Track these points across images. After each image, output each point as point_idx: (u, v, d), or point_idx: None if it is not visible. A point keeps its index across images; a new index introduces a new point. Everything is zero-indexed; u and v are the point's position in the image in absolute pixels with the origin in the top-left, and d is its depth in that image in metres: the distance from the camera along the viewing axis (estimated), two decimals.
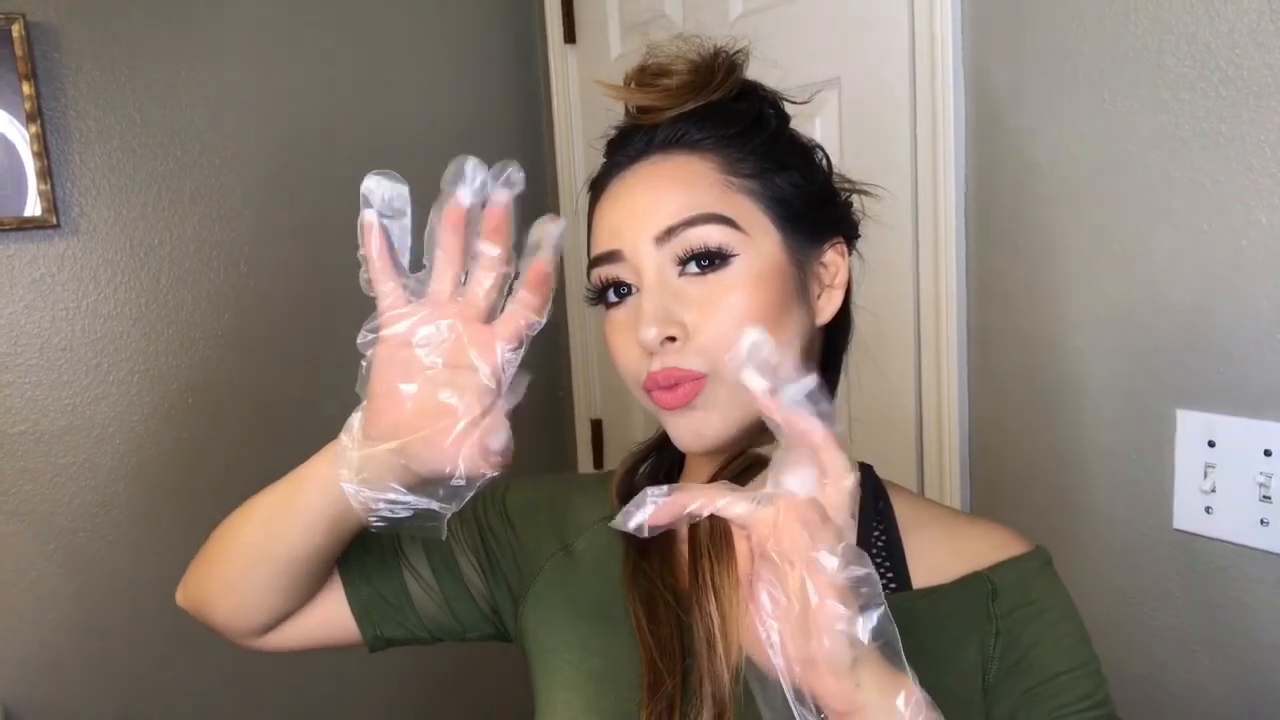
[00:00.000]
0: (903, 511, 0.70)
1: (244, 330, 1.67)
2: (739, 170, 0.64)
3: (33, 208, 1.47)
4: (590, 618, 0.69)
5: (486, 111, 1.90)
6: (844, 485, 0.48)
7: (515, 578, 0.74)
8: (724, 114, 0.65)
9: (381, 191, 0.55)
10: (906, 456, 1.23)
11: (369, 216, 0.55)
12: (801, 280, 0.65)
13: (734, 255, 0.61)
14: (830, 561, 0.46)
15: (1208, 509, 0.93)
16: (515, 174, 0.55)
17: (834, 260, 0.67)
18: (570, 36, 1.82)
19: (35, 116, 1.45)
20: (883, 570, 0.66)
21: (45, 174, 1.47)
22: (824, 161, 0.71)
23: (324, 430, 0.70)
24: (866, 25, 1.22)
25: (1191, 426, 0.94)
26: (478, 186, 0.56)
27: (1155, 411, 0.97)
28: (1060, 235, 1.03)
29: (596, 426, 1.92)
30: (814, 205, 0.66)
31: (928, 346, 1.18)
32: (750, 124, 0.66)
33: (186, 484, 1.64)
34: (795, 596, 0.46)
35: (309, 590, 0.73)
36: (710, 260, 0.61)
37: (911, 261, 1.19)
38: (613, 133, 0.70)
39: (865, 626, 0.46)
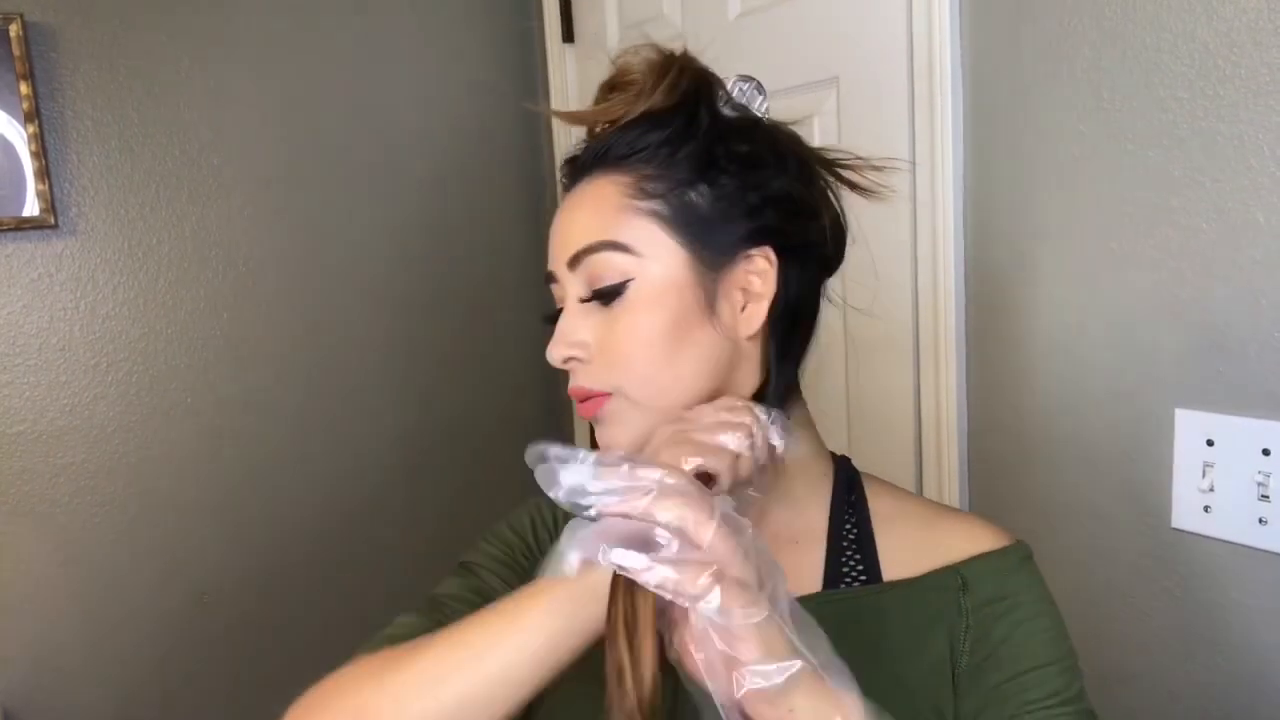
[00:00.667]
0: (878, 504, 0.71)
1: (242, 330, 1.67)
2: (644, 191, 0.64)
3: (30, 208, 1.47)
4: None
5: (485, 111, 1.90)
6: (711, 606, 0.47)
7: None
8: (651, 125, 0.65)
9: None
10: (905, 456, 1.23)
11: None
12: (710, 295, 0.64)
13: (628, 281, 0.63)
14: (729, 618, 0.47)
15: (1206, 508, 0.93)
16: None
17: (762, 269, 0.65)
18: (569, 36, 1.82)
19: (33, 116, 1.45)
20: (853, 563, 0.68)
21: (43, 174, 1.47)
22: (801, 155, 0.69)
23: (322, 430, 0.70)
24: (864, 25, 1.22)
25: (1190, 425, 0.94)
26: None
27: (1154, 411, 0.97)
28: (1058, 234, 1.03)
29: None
30: (739, 214, 0.65)
31: (926, 345, 1.18)
32: (677, 132, 0.65)
33: (185, 484, 1.64)
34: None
35: None
36: (605, 296, 0.64)
37: (910, 261, 1.19)
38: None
39: (781, 672, 0.47)
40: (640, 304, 0.63)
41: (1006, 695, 0.62)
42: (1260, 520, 0.89)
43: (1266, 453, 0.88)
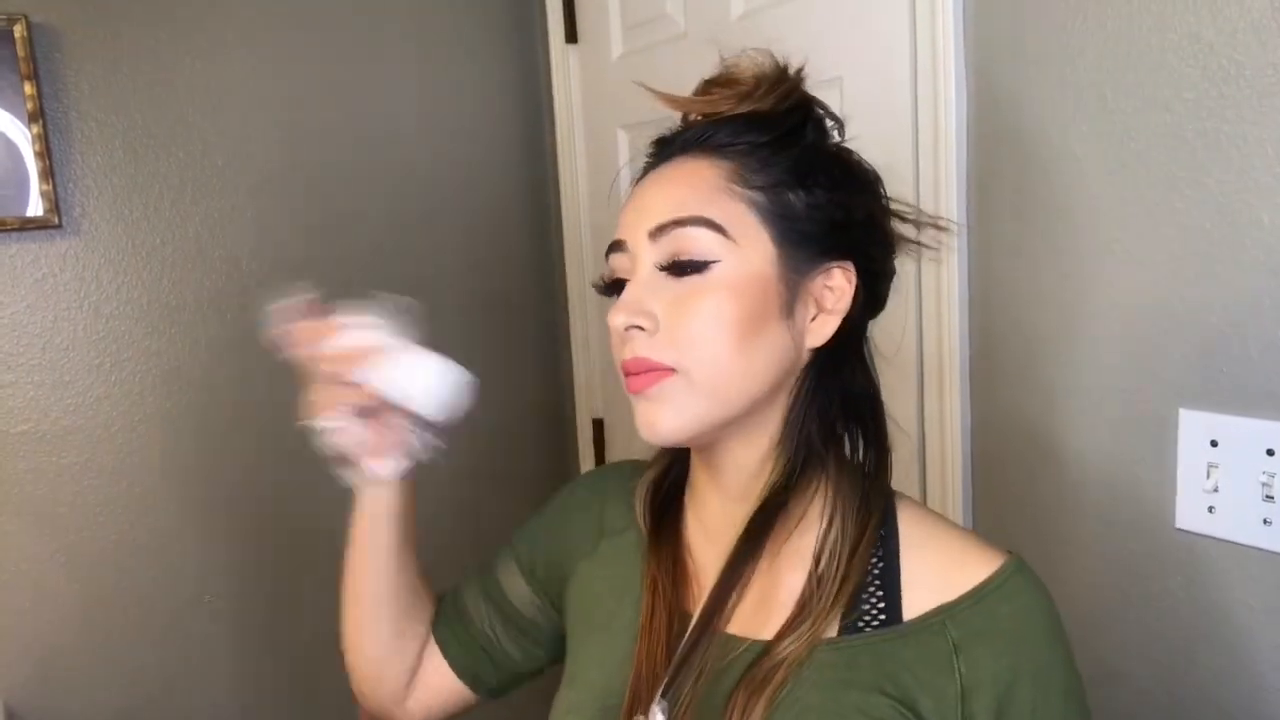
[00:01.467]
0: (908, 532, 0.68)
1: (246, 331, 1.67)
2: (749, 180, 0.65)
3: (35, 208, 1.48)
4: (598, 628, 0.76)
5: (488, 111, 1.90)
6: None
7: (557, 587, 0.84)
8: (759, 123, 0.66)
9: None
10: (908, 456, 1.23)
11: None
12: (790, 296, 0.65)
13: (713, 262, 0.63)
14: None
15: (1210, 509, 0.93)
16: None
17: (839, 285, 0.67)
18: (572, 36, 1.82)
19: (37, 117, 1.46)
20: (873, 601, 0.65)
21: (47, 174, 1.47)
22: (879, 192, 0.71)
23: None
24: (868, 26, 1.22)
25: (1194, 426, 0.93)
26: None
27: (1158, 411, 0.97)
28: (1062, 235, 1.03)
29: (598, 426, 1.92)
30: (828, 227, 0.66)
31: (929, 346, 1.18)
32: (783, 135, 0.66)
33: (189, 484, 1.65)
34: None
35: (415, 623, 0.86)
36: (685, 269, 0.63)
37: (913, 263, 1.18)
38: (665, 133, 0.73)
39: None
40: (722, 287, 0.63)
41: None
42: (1264, 521, 0.89)
43: (1271, 453, 0.88)
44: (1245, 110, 0.86)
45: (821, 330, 0.67)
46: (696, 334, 0.62)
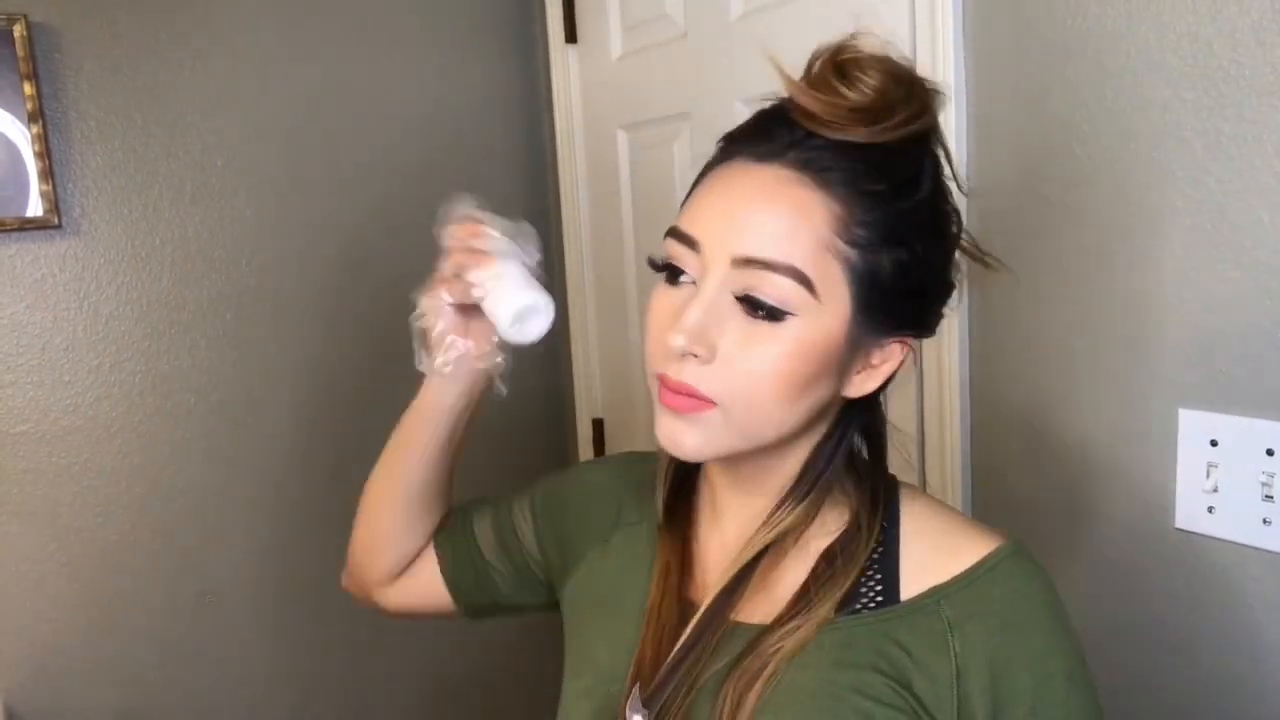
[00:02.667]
0: (909, 518, 0.69)
1: (246, 330, 1.67)
2: (851, 234, 0.59)
3: (34, 208, 1.48)
4: (607, 614, 0.77)
5: (488, 111, 1.90)
6: None
7: (559, 561, 0.85)
8: (877, 163, 0.60)
9: None
10: (907, 455, 1.23)
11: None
12: (847, 360, 0.63)
13: (792, 315, 0.59)
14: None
15: (1210, 509, 0.93)
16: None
17: (892, 350, 0.65)
18: (571, 36, 1.82)
19: (37, 117, 1.45)
20: (872, 584, 0.65)
21: (47, 174, 1.47)
22: (956, 232, 0.66)
23: (325, 430, 0.71)
24: (868, 26, 1.22)
25: (1194, 426, 0.93)
26: None
27: (1157, 411, 0.97)
28: (1061, 235, 1.03)
29: (598, 426, 1.91)
30: (906, 294, 0.63)
31: (928, 346, 1.18)
32: (896, 185, 0.61)
33: (189, 485, 1.65)
34: None
35: (426, 521, 0.90)
36: (756, 312, 0.60)
37: None
38: (770, 102, 0.65)
39: None
40: (791, 341, 0.60)
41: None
42: (1264, 521, 0.89)
43: (1270, 453, 0.88)
44: (1245, 110, 0.86)
45: (864, 385, 0.66)
46: (750, 382, 0.60)
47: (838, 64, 0.62)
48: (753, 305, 0.60)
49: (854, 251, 0.60)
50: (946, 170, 0.65)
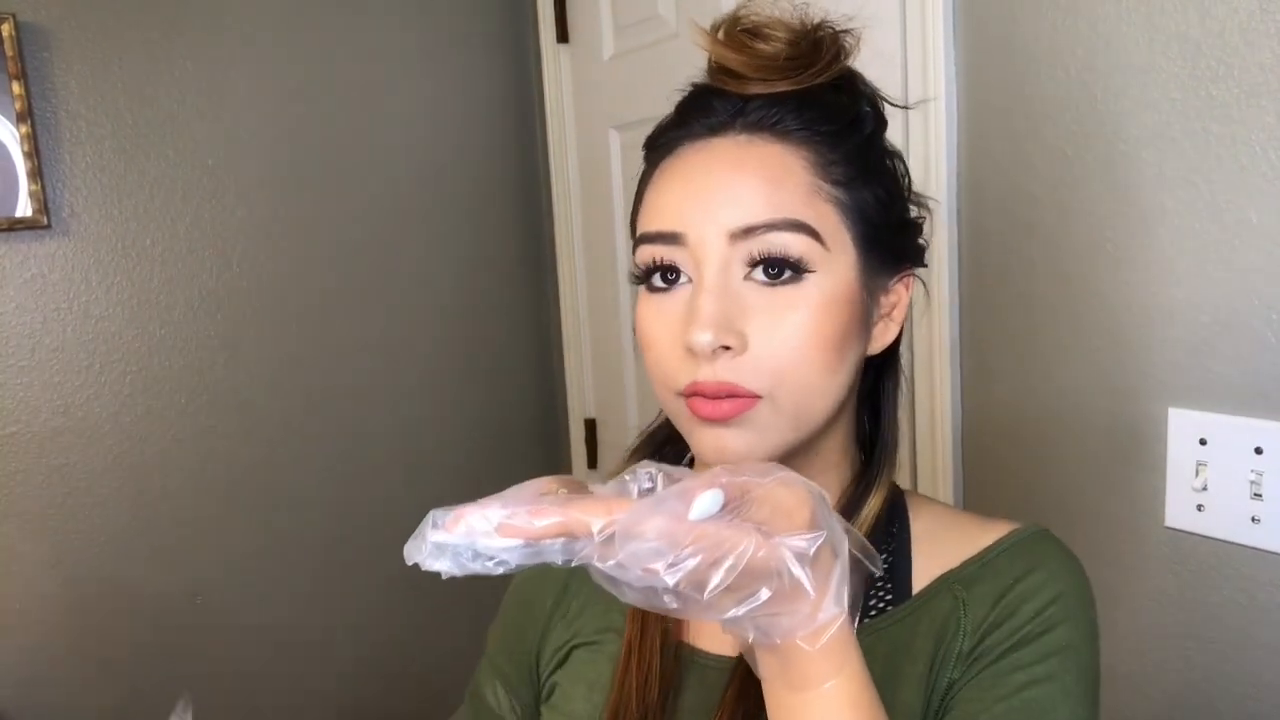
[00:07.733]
0: (919, 523, 0.66)
1: (236, 331, 1.67)
2: (830, 174, 0.57)
3: (24, 208, 1.47)
4: (583, 662, 0.70)
5: (480, 111, 1.90)
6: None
7: (540, 671, 0.74)
8: (822, 105, 0.58)
9: None
10: (900, 454, 1.23)
11: None
12: (869, 308, 0.59)
13: (810, 271, 0.55)
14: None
15: (1199, 507, 0.93)
16: None
17: (899, 291, 0.62)
18: (563, 36, 1.82)
19: (26, 117, 1.45)
20: (882, 589, 0.62)
21: (36, 174, 1.47)
22: (904, 174, 0.64)
23: (315, 431, 0.70)
24: (857, 29, 1.22)
25: (1183, 424, 0.94)
26: None
27: (1147, 410, 0.97)
28: (1053, 234, 1.03)
29: (590, 427, 1.91)
30: (893, 227, 0.60)
31: (920, 345, 1.18)
32: (848, 122, 0.58)
33: (179, 485, 1.64)
34: None
35: None
36: (782, 270, 0.55)
37: None
38: (689, 88, 0.61)
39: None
40: (818, 304, 0.55)
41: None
42: (1253, 519, 0.90)
43: (1259, 451, 0.88)
44: (1234, 110, 0.87)
45: (885, 336, 0.62)
46: (793, 356, 0.55)
47: (740, 21, 0.59)
48: (772, 267, 0.55)
49: (838, 190, 0.57)
50: (883, 101, 0.64)
